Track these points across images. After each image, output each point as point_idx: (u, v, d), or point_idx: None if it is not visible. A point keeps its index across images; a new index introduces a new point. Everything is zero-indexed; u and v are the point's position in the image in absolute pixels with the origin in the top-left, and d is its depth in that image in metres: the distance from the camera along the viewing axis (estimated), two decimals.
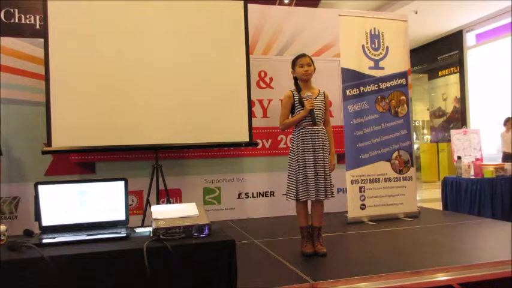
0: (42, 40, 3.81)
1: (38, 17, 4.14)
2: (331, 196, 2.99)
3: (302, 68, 3.02)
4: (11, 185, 4.04)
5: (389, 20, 4.60)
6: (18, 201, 4.08)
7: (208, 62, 4.12)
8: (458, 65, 8.92)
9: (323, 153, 2.97)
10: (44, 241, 1.92)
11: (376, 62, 4.42)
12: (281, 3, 9.00)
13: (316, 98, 3.03)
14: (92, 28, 3.84)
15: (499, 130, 6.76)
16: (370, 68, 4.40)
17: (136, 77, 3.91)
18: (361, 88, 4.34)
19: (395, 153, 4.43)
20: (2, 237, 1.93)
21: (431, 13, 7.81)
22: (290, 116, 3.10)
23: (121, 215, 2.21)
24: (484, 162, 5.18)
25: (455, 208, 5.08)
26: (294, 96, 3.06)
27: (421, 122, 11.94)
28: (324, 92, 3.11)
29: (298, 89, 3.08)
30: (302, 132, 3.00)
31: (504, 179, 4.74)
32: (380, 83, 4.41)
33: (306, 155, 2.95)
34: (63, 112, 3.73)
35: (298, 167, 2.96)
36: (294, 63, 3.10)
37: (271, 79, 4.85)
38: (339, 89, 4.53)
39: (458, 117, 8.93)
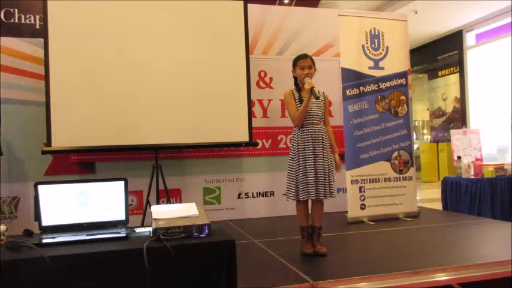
0: (42, 40, 3.81)
1: (38, 17, 4.14)
2: (331, 196, 2.98)
3: (302, 71, 3.01)
4: (11, 185, 4.04)
5: (389, 20, 4.60)
6: (18, 201, 4.08)
7: (208, 62, 4.12)
8: (458, 65, 8.92)
9: (323, 152, 2.97)
10: (44, 241, 1.92)
11: (376, 62, 4.42)
12: (281, 3, 8.99)
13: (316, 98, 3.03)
14: (91, 28, 3.84)
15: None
16: (370, 68, 4.40)
17: (136, 77, 3.91)
18: (361, 88, 4.34)
19: (395, 153, 4.43)
20: (2, 237, 1.93)
21: (431, 13, 7.80)
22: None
23: (121, 215, 2.21)
24: (484, 162, 5.17)
25: (455, 208, 5.07)
26: (294, 94, 3.06)
27: (421, 122, 11.93)
28: (323, 92, 3.11)
29: (297, 88, 3.08)
30: (302, 131, 2.99)
31: (504, 179, 4.73)
32: (380, 83, 4.41)
33: (306, 154, 2.95)
34: (63, 112, 3.73)
35: (299, 166, 2.96)
36: (295, 63, 3.09)
37: (271, 79, 4.85)
38: (339, 89, 4.52)
39: (458, 117, 8.93)
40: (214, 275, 1.93)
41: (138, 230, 2.21)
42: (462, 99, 8.84)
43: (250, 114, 4.26)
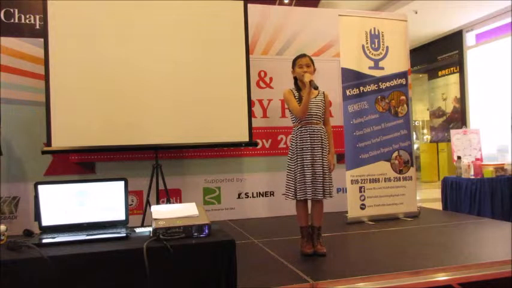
0: (42, 40, 3.81)
1: (37, 17, 4.14)
2: (330, 196, 2.98)
3: (301, 69, 3.02)
4: (11, 185, 4.04)
5: (389, 20, 4.60)
6: (18, 201, 4.08)
7: (208, 62, 4.12)
8: (458, 65, 8.92)
9: (322, 152, 2.97)
10: (44, 241, 1.92)
11: (376, 62, 4.42)
12: (281, 3, 9.00)
13: (315, 97, 3.04)
14: (91, 28, 3.84)
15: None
16: (370, 68, 4.39)
17: (136, 76, 3.91)
18: (361, 88, 4.34)
19: (395, 153, 4.43)
20: (2, 237, 1.93)
21: (431, 13, 7.80)
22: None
23: (121, 215, 2.21)
24: (484, 162, 5.18)
25: (455, 208, 5.07)
26: (293, 93, 3.06)
27: (421, 122, 11.94)
28: (323, 92, 3.11)
29: (297, 88, 3.09)
30: (301, 130, 3.00)
31: (504, 179, 4.73)
32: (380, 83, 4.41)
33: (304, 153, 2.95)
34: (63, 112, 3.73)
35: (296, 165, 2.96)
36: (294, 63, 3.10)
37: (271, 79, 4.85)
38: (339, 89, 4.52)
39: (458, 117, 8.93)
40: (214, 274, 1.93)
41: (138, 230, 2.21)
42: (462, 99, 8.84)
43: (250, 114, 4.26)
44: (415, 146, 9.89)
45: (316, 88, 2.92)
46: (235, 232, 3.84)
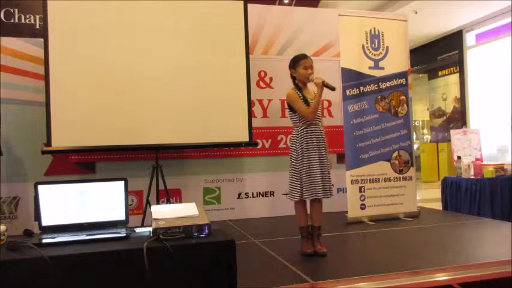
0: (42, 40, 3.81)
1: (37, 16, 4.13)
2: (331, 194, 2.99)
3: (306, 71, 3.03)
4: (11, 185, 4.04)
5: (389, 20, 4.60)
6: (18, 201, 4.07)
7: (208, 62, 4.12)
8: (458, 65, 8.92)
9: (325, 151, 3.01)
10: (44, 241, 1.92)
11: (376, 62, 4.42)
12: (281, 3, 9.00)
13: (313, 98, 3.04)
14: (91, 28, 3.83)
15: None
16: (370, 68, 4.39)
17: (136, 77, 3.91)
18: (361, 88, 4.34)
19: (395, 153, 4.43)
20: (2, 237, 1.93)
21: (431, 13, 7.80)
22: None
23: (121, 215, 2.21)
24: (484, 162, 5.17)
25: (455, 208, 5.07)
26: (298, 94, 3.06)
27: (421, 122, 11.94)
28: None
29: (297, 87, 3.09)
30: (306, 131, 2.99)
31: (504, 179, 4.73)
32: (380, 83, 4.41)
33: (311, 154, 2.96)
34: (63, 112, 3.73)
35: (302, 166, 2.96)
36: (296, 63, 3.08)
37: (271, 79, 4.85)
38: (339, 89, 4.52)
39: (458, 117, 8.93)
40: (214, 275, 1.93)
41: (138, 230, 2.21)
42: (462, 99, 8.84)
43: (250, 114, 4.26)
44: (415, 146, 9.89)
45: (333, 89, 2.95)
46: (235, 232, 3.84)
